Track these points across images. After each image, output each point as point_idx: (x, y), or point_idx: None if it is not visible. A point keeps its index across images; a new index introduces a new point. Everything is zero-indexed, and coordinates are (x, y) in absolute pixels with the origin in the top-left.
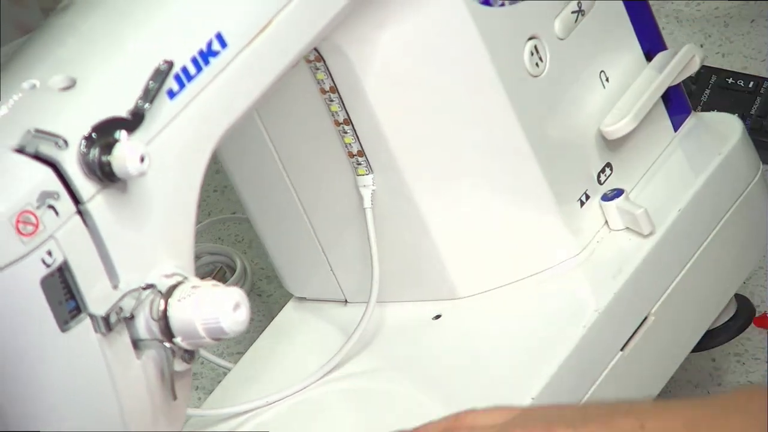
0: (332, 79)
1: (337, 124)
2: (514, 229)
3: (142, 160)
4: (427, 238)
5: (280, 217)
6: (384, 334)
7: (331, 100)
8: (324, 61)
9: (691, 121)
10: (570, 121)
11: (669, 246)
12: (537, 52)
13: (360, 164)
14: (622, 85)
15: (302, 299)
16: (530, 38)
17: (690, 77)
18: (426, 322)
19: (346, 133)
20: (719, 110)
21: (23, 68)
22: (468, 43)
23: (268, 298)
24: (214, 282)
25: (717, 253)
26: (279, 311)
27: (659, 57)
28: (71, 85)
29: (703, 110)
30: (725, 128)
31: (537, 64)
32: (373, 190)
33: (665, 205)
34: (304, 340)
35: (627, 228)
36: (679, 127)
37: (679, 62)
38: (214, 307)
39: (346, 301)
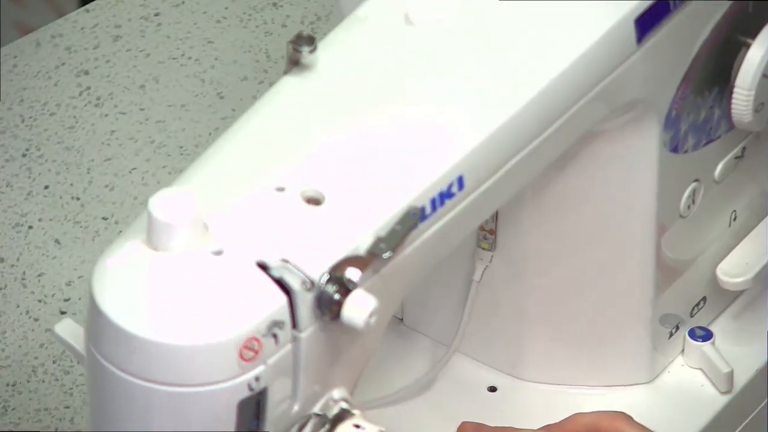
0: None
1: None
2: (602, 340)
3: (371, 315)
4: (516, 316)
5: None
6: (439, 385)
7: None
8: None
9: None
10: (693, 255)
11: (739, 403)
12: (693, 194)
13: (486, 239)
14: (744, 224)
15: None
16: (694, 181)
17: None
18: (482, 390)
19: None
20: None
21: (268, 159)
22: (644, 183)
23: None
24: (381, 428)
25: None
26: None
27: None
28: (319, 200)
29: None
30: None
31: (689, 207)
32: (487, 266)
33: (744, 360)
34: None
35: (701, 368)
36: None
37: None
38: None
39: (401, 320)
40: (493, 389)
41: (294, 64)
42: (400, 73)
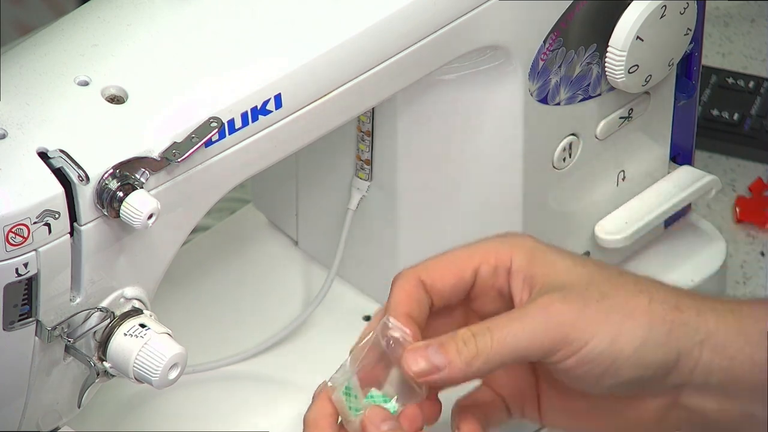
0: None
1: (360, 130)
2: None
3: (150, 216)
4: (390, 247)
5: None
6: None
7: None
8: None
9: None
10: (573, 208)
11: None
12: (570, 148)
13: (363, 170)
14: (635, 185)
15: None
16: (570, 135)
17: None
18: (357, 320)
19: (363, 140)
20: (719, 109)
21: (77, 55)
22: (510, 129)
23: None
24: (166, 330)
25: None
26: None
27: (683, 173)
28: (122, 99)
29: (702, 110)
30: None
31: (564, 159)
32: (363, 196)
33: None
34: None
35: None
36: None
37: (698, 190)
38: (154, 360)
39: (297, 243)
40: (368, 318)
41: None
42: None
